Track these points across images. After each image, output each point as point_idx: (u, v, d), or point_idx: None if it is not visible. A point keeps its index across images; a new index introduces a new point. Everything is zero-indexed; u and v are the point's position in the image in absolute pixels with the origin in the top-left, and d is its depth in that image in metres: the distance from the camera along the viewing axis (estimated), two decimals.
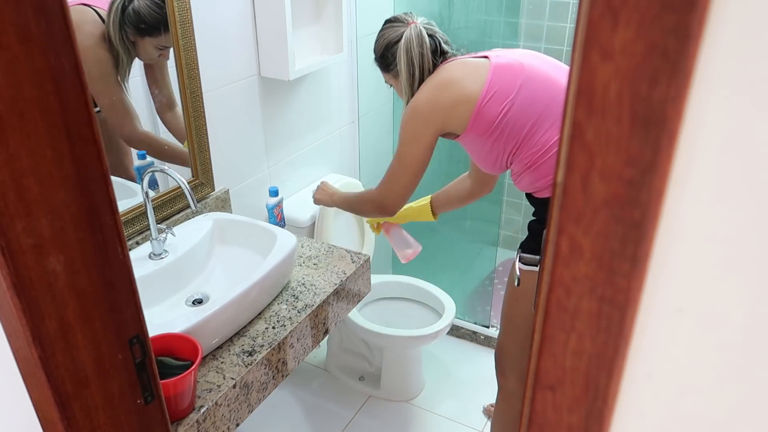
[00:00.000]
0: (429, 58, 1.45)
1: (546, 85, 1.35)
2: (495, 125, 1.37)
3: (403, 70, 1.46)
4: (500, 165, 1.45)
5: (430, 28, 1.47)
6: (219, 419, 1.11)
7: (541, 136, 1.35)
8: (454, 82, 1.39)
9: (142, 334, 0.75)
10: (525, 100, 1.34)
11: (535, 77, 1.35)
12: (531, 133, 1.36)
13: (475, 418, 2.08)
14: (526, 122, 1.35)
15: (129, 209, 1.38)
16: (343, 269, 1.48)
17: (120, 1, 1.31)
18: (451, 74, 1.41)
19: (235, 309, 1.20)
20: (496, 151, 1.41)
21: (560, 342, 0.50)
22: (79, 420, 0.71)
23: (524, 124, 1.35)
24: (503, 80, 1.35)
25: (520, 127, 1.35)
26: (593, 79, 0.40)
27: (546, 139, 1.35)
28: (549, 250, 0.48)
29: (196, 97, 1.47)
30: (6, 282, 0.59)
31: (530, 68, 1.37)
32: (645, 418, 0.51)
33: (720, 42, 0.37)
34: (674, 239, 0.43)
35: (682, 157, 0.41)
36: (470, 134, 1.40)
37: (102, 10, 1.29)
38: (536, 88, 1.34)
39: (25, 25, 0.54)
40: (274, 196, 1.76)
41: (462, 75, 1.39)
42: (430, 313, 2.16)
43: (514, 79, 1.35)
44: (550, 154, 1.35)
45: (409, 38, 1.44)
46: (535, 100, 1.34)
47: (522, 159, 1.39)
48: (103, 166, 0.64)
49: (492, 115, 1.36)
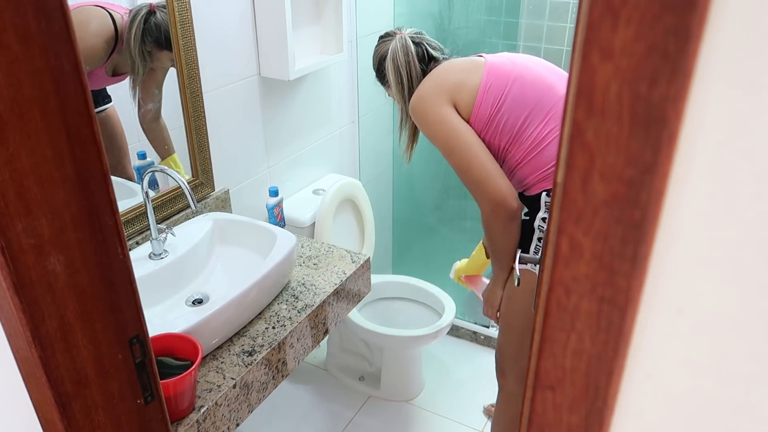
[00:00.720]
0: (415, 65, 1.48)
1: (535, 83, 1.38)
2: (490, 119, 1.39)
3: (392, 80, 1.50)
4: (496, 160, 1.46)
5: (418, 37, 1.51)
6: (219, 419, 1.11)
7: (532, 130, 1.38)
8: (456, 71, 1.43)
9: (142, 334, 0.75)
10: (516, 96, 1.37)
11: (526, 74, 1.39)
12: (524, 128, 1.38)
13: (475, 418, 2.08)
14: (518, 118, 1.38)
15: (129, 209, 1.38)
16: (343, 269, 1.48)
17: (143, 14, 1.33)
18: (448, 66, 1.45)
19: (235, 309, 1.20)
20: (492, 147, 1.43)
21: (560, 342, 0.50)
22: (79, 420, 0.71)
23: (516, 119, 1.38)
24: (497, 75, 1.39)
25: (513, 123, 1.38)
26: (593, 79, 0.40)
27: (537, 133, 1.37)
28: (549, 250, 0.48)
29: (196, 97, 1.47)
30: (6, 282, 0.59)
31: (521, 66, 1.41)
32: (645, 418, 0.51)
33: (720, 42, 0.37)
34: (674, 239, 0.43)
35: (682, 157, 0.41)
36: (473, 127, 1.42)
37: (116, 13, 1.31)
38: (526, 85, 1.38)
39: (25, 25, 0.54)
40: (274, 196, 1.76)
41: (462, 67, 1.43)
42: (430, 313, 2.16)
43: (507, 74, 1.39)
44: (541, 149, 1.38)
45: (395, 49, 1.48)
46: (525, 97, 1.37)
47: (515, 154, 1.41)
48: (103, 166, 0.64)
49: (488, 108, 1.39)
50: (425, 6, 2.16)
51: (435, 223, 2.41)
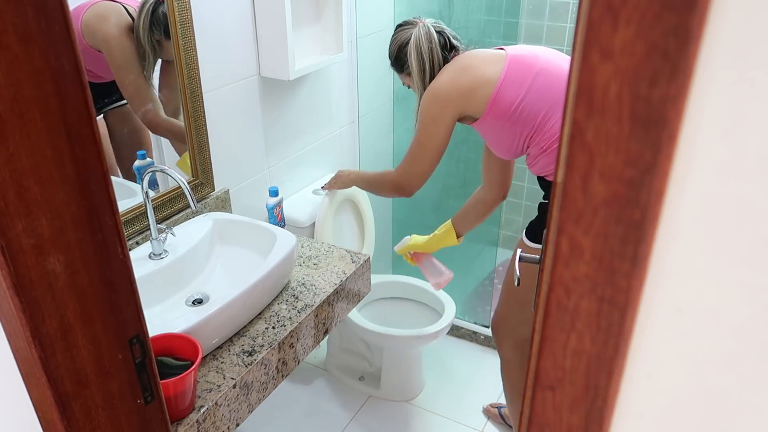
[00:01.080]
0: (438, 52, 1.52)
1: (559, 76, 1.42)
2: (513, 110, 1.43)
3: (414, 66, 1.54)
4: (516, 149, 1.51)
5: (438, 26, 1.55)
6: (219, 419, 1.11)
7: (555, 122, 1.42)
8: (474, 66, 1.46)
9: (142, 334, 0.75)
10: (540, 88, 1.41)
11: (549, 68, 1.43)
12: (546, 119, 1.42)
13: (475, 418, 2.08)
14: (541, 108, 1.41)
15: (129, 209, 1.38)
16: (343, 269, 1.48)
17: (151, 4, 1.35)
18: (470, 60, 1.48)
19: (235, 309, 1.20)
20: (513, 134, 1.47)
21: (560, 342, 0.50)
22: (79, 420, 0.71)
23: (540, 110, 1.42)
24: (519, 68, 1.43)
25: (536, 113, 1.42)
26: (593, 79, 0.40)
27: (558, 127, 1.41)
28: (549, 250, 0.48)
29: (196, 97, 1.47)
30: (6, 282, 0.59)
31: (545, 60, 1.44)
32: (645, 418, 0.51)
33: (720, 42, 0.37)
34: (674, 239, 0.43)
35: (682, 157, 0.41)
36: (489, 117, 1.46)
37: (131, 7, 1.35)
38: (550, 77, 1.42)
39: (25, 25, 0.54)
40: (274, 196, 1.76)
41: (481, 61, 1.47)
42: (430, 313, 2.16)
43: (530, 67, 1.43)
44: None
45: (418, 36, 1.52)
46: (549, 89, 1.41)
47: (538, 142, 1.45)
48: (103, 166, 0.64)
49: (510, 99, 1.42)
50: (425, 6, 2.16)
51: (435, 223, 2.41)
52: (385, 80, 2.25)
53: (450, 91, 1.47)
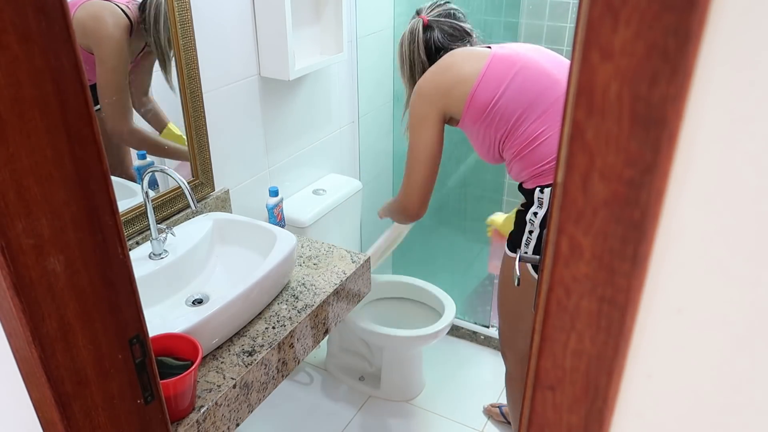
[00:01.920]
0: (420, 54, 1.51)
1: (538, 77, 1.37)
2: (487, 112, 1.40)
3: (398, 65, 1.56)
4: (493, 154, 1.48)
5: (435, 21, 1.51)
6: (219, 419, 1.11)
7: (528, 126, 1.38)
8: (455, 65, 1.44)
9: (142, 334, 0.75)
10: (516, 89, 1.37)
11: (529, 68, 1.38)
12: (519, 123, 1.38)
13: (475, 418, 2.08)
14: (515, 111, 1.38)
15: (129, 209, 1.38)
16: (343, 269, 1.48)
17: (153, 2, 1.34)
18: (452, 59, 1.46)
19: (235, 309, 1.20)
20: (488, 138, 1.44)
21: (560, 342, 0.50)
22: (79, 420, 0.71)
23: (513, 112, 1.38)
24: (499, 69, 1.39)
25: (509, 116, 1.38)
26: (593, 79, 0.40)
27: (532, 130, 1.37)
28: (549, 250, 0.48)
29: (196, 97, 1.47)
30: (6, 282, 0.59)
31: (526, 59, 1.40)
32: (645, 418, 0.51)
33: (720, 42, 0.37)
34: (674, 239, 0.43)
35: (682, 157, 0.41)
36: (466, 118, 1.44)
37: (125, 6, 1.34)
38: (528, 79, 1.37)
39: (25, 25, 0.54)
40: (274, 196, 1.76)
41: (462, 60, 1.44)
42: (430, 313, 2.16)
43: (510, 68, 1.39)
44: (535, 145, 1.38)
45: (404, 35, 1.53)
46: (526, 91, 1.37)
47: (510, 146, 1.42)
48: (103, 166, 0.64)
49: (484, 101, 1.39)
50: None
51: (435, 223, 2.41)
52: (385, 80, 2.25)
53: (431, 89, 1.44)
